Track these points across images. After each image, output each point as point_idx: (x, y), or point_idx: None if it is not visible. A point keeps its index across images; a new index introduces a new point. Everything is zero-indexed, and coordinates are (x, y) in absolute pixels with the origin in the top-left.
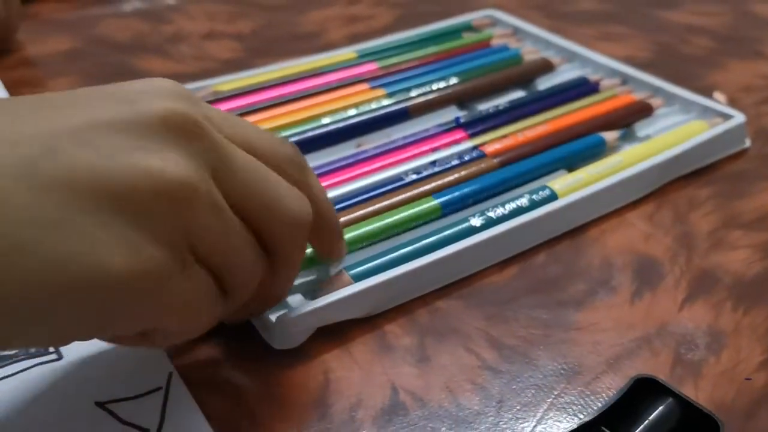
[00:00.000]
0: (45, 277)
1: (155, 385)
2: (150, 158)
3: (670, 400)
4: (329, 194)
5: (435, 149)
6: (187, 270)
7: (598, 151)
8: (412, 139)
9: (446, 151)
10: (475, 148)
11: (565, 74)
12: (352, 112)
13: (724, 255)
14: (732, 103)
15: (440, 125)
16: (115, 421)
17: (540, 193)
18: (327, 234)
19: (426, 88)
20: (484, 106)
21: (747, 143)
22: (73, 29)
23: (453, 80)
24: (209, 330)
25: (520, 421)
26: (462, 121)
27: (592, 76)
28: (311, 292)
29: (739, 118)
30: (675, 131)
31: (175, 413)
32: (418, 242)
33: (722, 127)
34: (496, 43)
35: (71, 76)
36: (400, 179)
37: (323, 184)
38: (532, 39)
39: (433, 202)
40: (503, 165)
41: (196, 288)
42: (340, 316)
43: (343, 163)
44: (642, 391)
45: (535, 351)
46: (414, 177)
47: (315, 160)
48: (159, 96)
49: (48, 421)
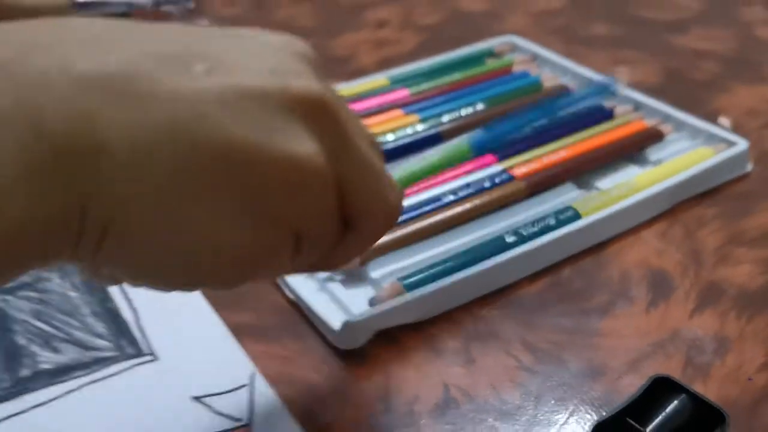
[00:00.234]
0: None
1: (241, 383)
2: (298, 144)
3: (683, 395)
4: None
5: (468, 172)
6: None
7: None
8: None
9: (478, 173)
10: (504, 171)
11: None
12: (390, 137)
13: (730, 269)
14: (736, 126)
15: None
16: (211, 412)
17: (565, 213)
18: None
19: (455, 114)
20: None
21: (749, 167)
22: None
23: (480, 106)
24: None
25: (555, 414)
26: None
27: (607, 103)
28: (370, 300)
29: (742, 145)
30: (684, 157)
31: (261, 405)
32: (460, 257)
33: (726, 153)
34: (517, 69)
35: None
36: (439, 200)
37: None
38: (550, 65)
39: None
40: (530, 187)
41: (284, 254)
42: (394, 322)
43: None
44: (659, 389)
45: (564, 354)
46: (452, 198)
47: None
48: (300, 70)
49: (152, 413)
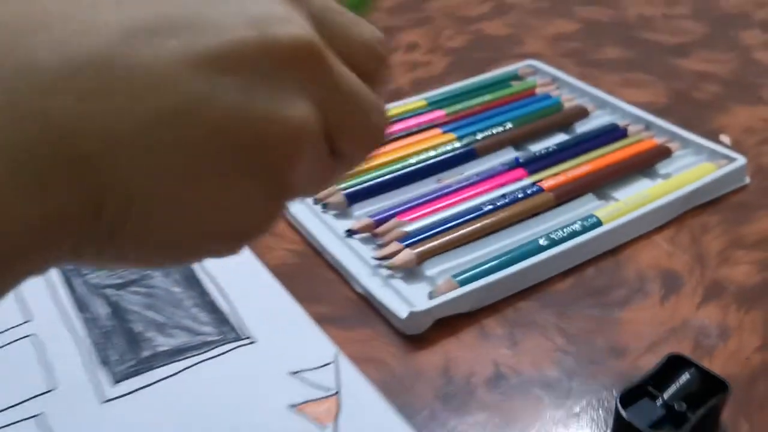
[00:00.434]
0: None
1: (327, 361)
2: (290, 108)
3: (693, 369)
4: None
5: (502, 185)
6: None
7: None
8: (484, 176)
9: (511, 186)
10: (534, 184)
11: (598, 119)
12: (432, 153)
13: (730, 269)
14: (736, 144)
15: (503, 164)
16: (306, 384)
17: (589, 220)
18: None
19: (488, 132)
20: (536, 147)
21: (747, 180)
22: None
23: (509, 125)
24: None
25: (588, 385)
26: (521, 161)
27: (621, 122)
28: (429, 293)
29: (740, 161)
30: (689, 171)
31: (346, 378)
32: (502, 257)
33: (727, 168)
34: (539, 91)
35: None
36: (480, 209)
37: (420, 213)
38: (568, 87)
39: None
40: (557, 197)
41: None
42: (450, 311)
43: (432, 196)
44: (673, 365)
45: (592, 338)
46: (491, 207)
47: (405, 194)
48: (281, 14)
49: (255, 385)
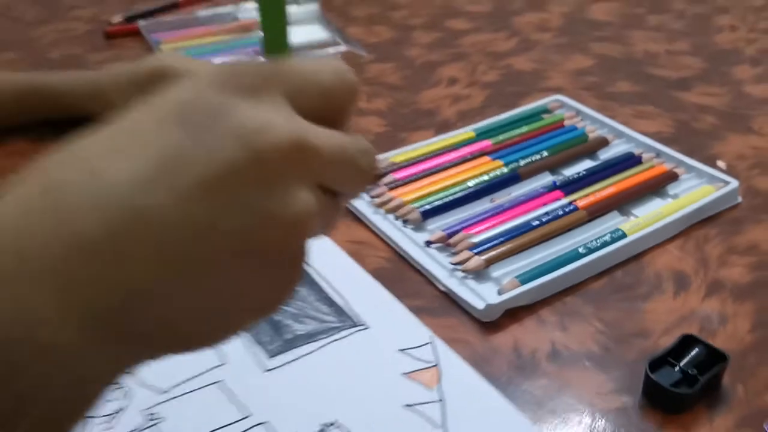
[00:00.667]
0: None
1: (426, 341)
2: (292, 206)
3: (701, 345)
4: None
5: (544, 203)
6: None
7: None
8: (529, 197)
9: (552, 205)
10: (570, 203)
11: (617, 148)
12: (485, 177)
13: (727, 270)
14: (730, 168)
15: (543, 186)
16: (412, 358)
17: (616, 233)
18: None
19: (528, 159)
20: (568, 172)
21: (739, 199)
22: None
23: (545, 153)
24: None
25: (623, 358)
26: (557, 184)
27: (636, 151)
28: (498, 290)
29: (734, 183)
30: (693, 193)
31: (442, 354)
32: (552, 262)
33: (723, 190)
34: (567, 123)
35: None
36: (529, 225)
37: (481, 227)
38: (590, 119)
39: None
40: (589, 214)
41: None
42: (515, 304)
43: (488, 213)
44: (685, 343)
45: (624, 324)
46: (537, 223)
47: (466, 211)
48: (263, 123)
49: (372, 361)
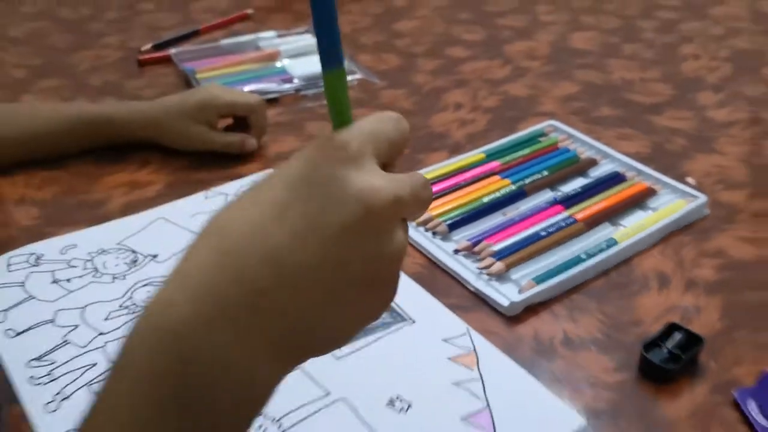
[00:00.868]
0: None
1: (463, 332)
2: (397, 243)
3: (683, 331)
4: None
5: (549, 216)
6: None
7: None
8: (535, 211)
9: (555, 218)
10: (569, 216)
11: (604, 167)
12: (497, 194)
13: (699, 271)
14: (699, 184)
15: (546, 201)
16: (454, 346)
17: (609, 241)
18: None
19: (532, 178)
20: (566, 189)
21: (707, 212)
22: None
23: (545, 172)
24: (471, 307)
25: (622, 341)
26: (558, 199)
27: (620, 170)
28: (519, 289)
29: (702, 198)
30: (669, 206)
31: (477, 342)
32: (561, 266)
33: (693, 204)
34: (561, 146)
35: None
36: (538, 235)
37: (499, 237)
38: (580, 142)
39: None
40: (586, 225)
41: None
42: (533, 301)
43: (503, 225)
44: (670, 329)
45: (621, 315)
46: (543, 234)
47: (485, 223)
48: (375, 186)
49: (421, 350)
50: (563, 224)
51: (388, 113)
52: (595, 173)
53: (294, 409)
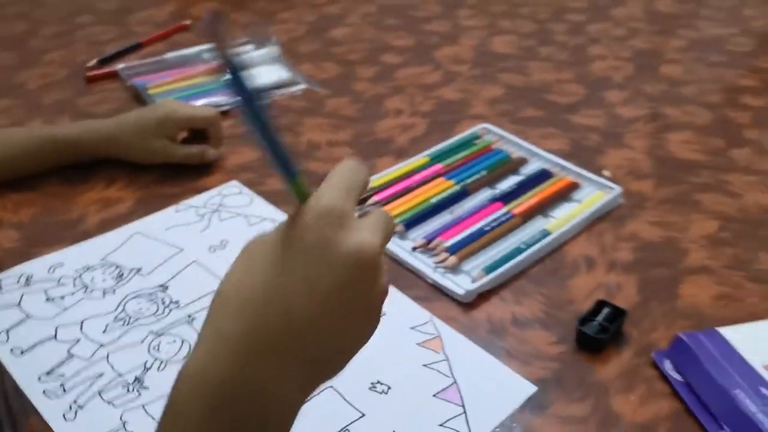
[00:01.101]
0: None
1: (427, 319)
2: (382, 282)
3: (609, 306)
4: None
5: (490, 213)
6: None
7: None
8: (478, 208)
9: (495, 214)
10: (508, 212)
11: (533, 165)
12: (443, 195)
13: (617, 253)
14: (613, 176)
15: (488, 199)
16: (422, 333)
17: (543, 232)
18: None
19: (473, 178)
20: (502, 187)
21: (621, 200)
22: None
23: (483, 172)
24: (432, 297)
25: (561, 319)
26: (497, 197)
27: (547, 167)
28: (472, 278)
29: (617, 189)
30: (590, 198)
31: (440, 328)
32: (505, 257)
33: (610, 195)
34: (494, 147)
35: None
36: (483, 230)
37: (450, 233)
38: (510, 143)
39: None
40: (522, 219)
41: None
42: (484, 288)
43: (451, 223)
44: (600, 305)
45: (557, 295)
46: (487, 228)
47: (435, 221)
48: (368, 244)
49: (395, 335)
50: (503, 219)
51: (349, 163)
52: (525, 171)
53: None
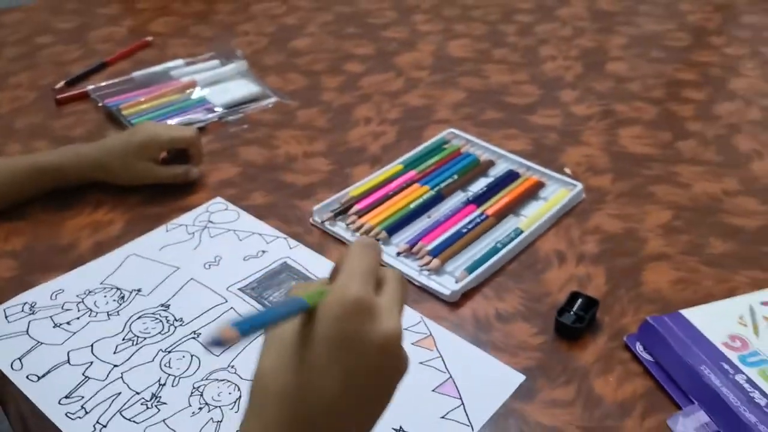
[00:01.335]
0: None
1: (418, 320)
2: (404, 363)
3: (583, 296)
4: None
5: (466, 215)
6: None
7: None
8: (454, 211)
9: (470, 216)
10: (482, 213)
11: (500, 167)
12: (420, 200)
13: (585, 246)
14: (574, 173)
15: (461, 202)
16: (415, 333)
17: (516, 230)
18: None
19: (446, 182)
20: (474, 189)
21: (583, 196)
22: None
23: (455, 176)
24: (420, 299)
25: (540, 311)
26: (470, 199)
27: (513, 167)
28: (456, 278)
29: (579, 186)
30: (555, 196)
31: (432, 327)
32: (484, 256)
33: (574, 191)
34: (463, 151)
35: None
36: (461, 233)
37: (430, 237)
38: (477, 146)
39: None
40: (496, 219)
41: None
42: (468, 287)
43: (430, 227)
44: (574, 296)
45: (534, 288)
46: (464, 230)
47: (415, 226)
48: (386, 336)
49: None
50: (478, 220)
51: (361, 245)
52: (494, 173)
53: None
